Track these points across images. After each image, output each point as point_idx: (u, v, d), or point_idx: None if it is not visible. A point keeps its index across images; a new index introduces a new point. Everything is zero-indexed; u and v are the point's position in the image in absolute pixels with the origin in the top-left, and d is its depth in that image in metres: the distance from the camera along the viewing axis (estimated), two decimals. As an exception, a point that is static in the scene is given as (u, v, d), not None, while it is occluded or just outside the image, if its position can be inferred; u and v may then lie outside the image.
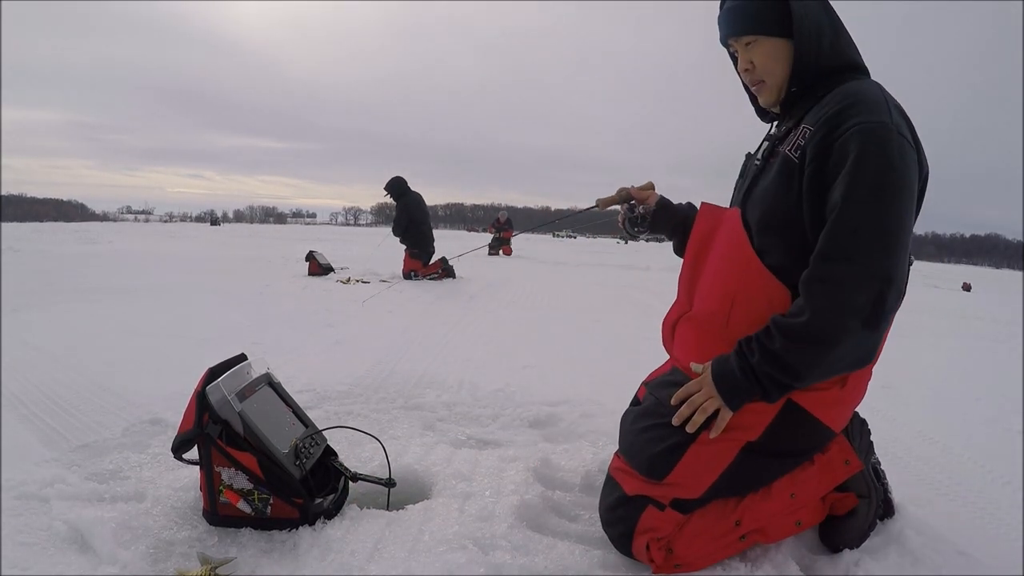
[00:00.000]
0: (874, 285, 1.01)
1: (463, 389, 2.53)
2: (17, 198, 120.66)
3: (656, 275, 9.66)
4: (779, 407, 1.18)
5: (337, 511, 1.41)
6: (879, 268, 1.01)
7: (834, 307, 1.02)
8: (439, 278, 7.03)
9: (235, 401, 1.35)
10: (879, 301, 1.01)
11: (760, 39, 1.25)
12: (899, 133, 1.07)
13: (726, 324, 1.23)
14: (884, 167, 1.04)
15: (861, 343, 1.06)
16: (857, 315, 1.02)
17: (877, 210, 1.03)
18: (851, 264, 1.02)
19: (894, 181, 1.04)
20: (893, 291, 1.02)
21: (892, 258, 1.02)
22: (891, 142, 1.05)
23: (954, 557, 1.33)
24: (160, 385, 2.33)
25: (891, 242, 1.02)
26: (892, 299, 1.02)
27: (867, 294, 1.01)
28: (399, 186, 7.35)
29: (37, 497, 1.42)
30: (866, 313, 1.01)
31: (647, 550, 1.23)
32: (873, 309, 1.01)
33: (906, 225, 1.05)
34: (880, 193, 1.03)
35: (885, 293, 1.01)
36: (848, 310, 1.02)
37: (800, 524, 1.28)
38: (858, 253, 1.02)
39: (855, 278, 1.01)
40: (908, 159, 1.06)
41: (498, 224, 14.25)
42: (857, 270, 1.01)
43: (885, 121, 1.07)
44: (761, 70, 1.26)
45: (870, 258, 1.01)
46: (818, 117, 1.15)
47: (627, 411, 1.41)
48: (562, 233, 55.89)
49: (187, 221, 73.55)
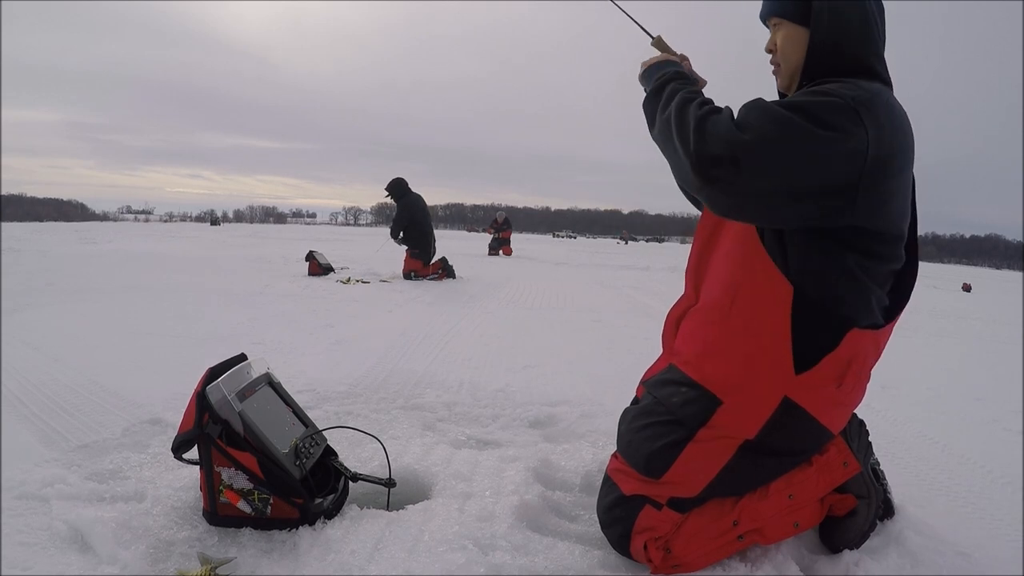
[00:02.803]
0: (724, 150, 1.03)
1: (463, 389, 2.53)
2: (17, 198, 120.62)
3: (656, 275, 9.66)
4: (776, 406, 1.18)
5: (337, 511, 1.41)
6: (741, 147, 1.03)
7: (702, 128, 1.06)
8: (439, 278, 7.03)
9: (235, 401, 1.35)
10: (715, 161, 1.04)
11: (784, 23, 1.26)
12: (852, 106, 1.05)
13: (728, 315, 1.23)
14: (817, 107, 1.04)
15: (679, 162, 1.11)
16: (699, 150, 1.05)
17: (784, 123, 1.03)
18: (736, 129, 1.04)
19: (815, 121, 1.03)
20: (731, 169, 1.03)
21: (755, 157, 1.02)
22: (837, 101, 1.05)
23: (954, 557, 1.34)
24: (160, 385, 2.33)
25: (767, 149, 1.03)
26: (725, 172, 1.04)
27: (716, 150, 1.04)
28: (399, 187, 7.35)
29: (37, 497, 1.42)
30: (701, 155, 1.05)
31: (645, 550, 1.23)
32: (707, 160, 1.05)
33: (791, 153, 1.03)
34: (794, 123, 1.03)
35: (723, 162, 1.03)
36: (699, 141, 1.06)
37: (798, 526, 1.28)
38: (747, 128, 1.04)
39: (725, 134, 1.04)
40: (844, 127, 1.03)
41: (496, 224, 14.26)
42: (734, 135, 1.03)
43: (850, 95, 1.06)
44: (780, 54, 1.29)
45: (748, 141, 1.02)
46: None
47: (626, 410, 1.41)
48: (562, 233, 55.92)
49: (187, 221, 73.52)
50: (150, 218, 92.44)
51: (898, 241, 1.18)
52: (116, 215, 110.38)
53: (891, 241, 1.16)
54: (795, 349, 1.16)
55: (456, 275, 7.29)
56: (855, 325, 1.16)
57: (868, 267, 1.15)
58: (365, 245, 13.54)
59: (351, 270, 7.49)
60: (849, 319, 1.16)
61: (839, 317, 1.16)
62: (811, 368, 1.16)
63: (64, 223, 26.26)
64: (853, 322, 1.16)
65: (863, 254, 1.14)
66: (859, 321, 1.17)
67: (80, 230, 16.23)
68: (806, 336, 1.16)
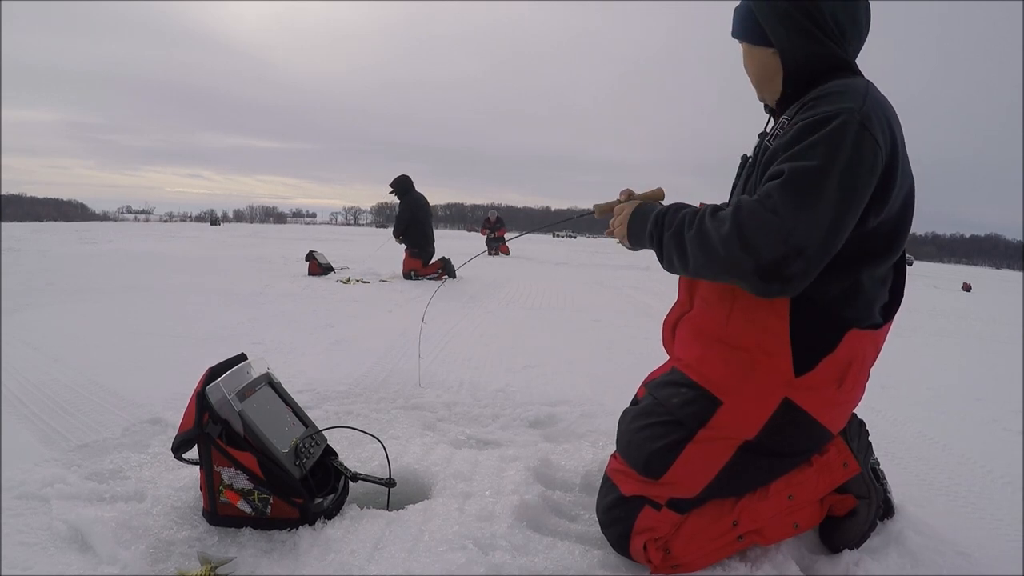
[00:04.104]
0: (782, 249, 1.01)
1: (463, 389, 2.53)
2: (17, 198, 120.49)
3: (656, 275, 9.65)
4: (776, 406, 1.18)
5: (337, 511, 1.41)
6: (799, 236, 1.01)
7: (744, 244, 1.04)
8: (439, 278, 7.03)
9: (235, 401, 1.35)
10: (782, 262, 1.02)
11: (747, 46, 1.31)
12: (860, 122, 1.06)
13: (726, 323, 1.23)
14: (834, 147, 1.04)
15: (744, 282, 1.08)
16: (759, 262, 1.03)
17: (815, 184, 1.03)
18: (775, 218, 1.02)
19: (839, 162, 1.03)
20: (800, 261, 1.02)
21: (812, 233, 1.02)
22: (847, 126, 1.05)
23: (954, 557, 1.34)
24: (160, 385, 2.33)
25: (816, 217, 1.02)
26: (795, 267, 1.02)
27: (775, 252, 1.02)
28: (403, 184, 7.37)
29: (37, 497, 1.42)
30: (763, 265, 1.03)
31: (644, 551, 1.23)
32: (771, 266, 1.02)
33: (836, 206, 1.03)
34: (824, 173, 1.03)
35: (790, 259, 1.02)
36: (754, 254, 1.03)
37: (798, 526, 1.28)
38: (786, 211, 1.02)
39: (773, 233, 1.02)
40: (860, 147, 1.05)
41: (489, 224, 14.20)
42: (778, 226, 1.02)
43: (850, 108, 1.07)
44: (751, 74, 1.33)
45: (794, 223, 1.01)
46: (796, 110, 1.17)
47: (625, 410, 1.41)
48: (562, 233, 56.00)
49: (187, 221, 73.50)
50: (150, 218, 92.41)
51: (901, 235, 1.18)
52: (116, 215, 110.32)
53: (895, 236, 1.17)
54: (795, 351, 1.16)
55: (456, 275, 7.29)
56: (855, 326, 1.17)
57: (870, 265, 1.15)
58: (365, 245, 13.53)
59: (351, 270, 7.49)
60: (849, 320, 1.16)
61: (838, 318, 1.16)
62: (811, 370, 1.17)
63: (64, 223, 26.23)
64: (853, 322, 1.17)
65: (866, 252, 1.14)
66: (859, 322, 1.17)
67: (80, 230, 16.21)
68: (805, 338, 1.16)
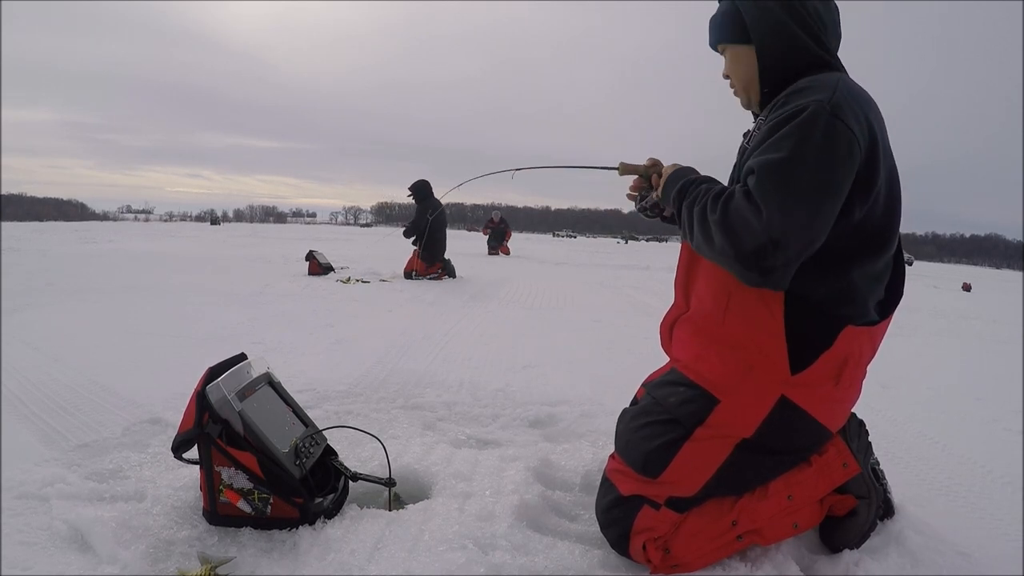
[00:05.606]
0: (759, 240, 1.04)
1: (463, 389, 2.53)
2: (17, 198, 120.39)
3: (656, 275, 9.66)
4: (772, 404, 1.19)
5: (337, 511, 1.41)
6: (774, 228, 1.03)
7: (727, 232, 1.08)
8: (439, 278, 7.03)
9: (235, 401, 1.35)
10: (759, 254, 1.05)
11: (728, 47, 1.32)
12: (830, 112, 1.07)
13: (722, 322, 1.23)
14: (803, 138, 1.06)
15: (730, 269, 1.12)
16: (739, 251, 1.07)
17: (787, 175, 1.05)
18: (753, 210, 1.05)
19: (810, 153, 1.05)
20: (778, 253, 1.05)
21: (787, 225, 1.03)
22: (817, 116, 1.06)
23: (954, 557, 1.34)
24: (160, 385, 2.33)
25: (791, 209, 1.04)
26: (772, 260, 1.05)
27: (753, 243, 1.05)
28: (423, 189, 7.39)
29: (37, 497, 1.42)
30: (742, 256, 1.07)
31: (644, 550, 1.23)
32: (750, 257, 1.06)
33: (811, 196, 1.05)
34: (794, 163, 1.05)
35: (767, 251, 1.04)
36: (736, 244, 1.07)
37: (797, 527, 1.28)
38: (762, 203, 1.05)
39: (750, 225, 1.05)
40: (832, 136, 1.06)
41: (493, 224, 14.27)
42: (755, 218, 1.05)
43: (819, 99, 1.08)
44: (733, 76, 1.33)
45: (769, 216, 1.04)
46: (770, 109, 1.19)
47: (624, 410, 1.42)
48: (562, 233, 56.04)
49: (187, 220, 73.47)
50: (150, 218, 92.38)
51: (891, 230, 1.18)
52: (116, 215, 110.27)
53: (885, 231, 1.17)
54: (790, 349, 1.16)
55: (456, 275, 7.28)
56: (850, 323, 1.17)
57: (861, 263, 1.16)
58: (365, 244, 13.53)
59: (351, 270, 7.49)
60: (844, 317, 1.17)
61: (834, 315, 1.16)
62: (807, 367, 1.17)
63: (64, 223, 26.23)
64: (848, 319, 1.17)
65: (857, 249, 1.14)
66: (854, 319, 1.17)
67: (80, 230, 16.22)
68: (801, 336, 1.16)
